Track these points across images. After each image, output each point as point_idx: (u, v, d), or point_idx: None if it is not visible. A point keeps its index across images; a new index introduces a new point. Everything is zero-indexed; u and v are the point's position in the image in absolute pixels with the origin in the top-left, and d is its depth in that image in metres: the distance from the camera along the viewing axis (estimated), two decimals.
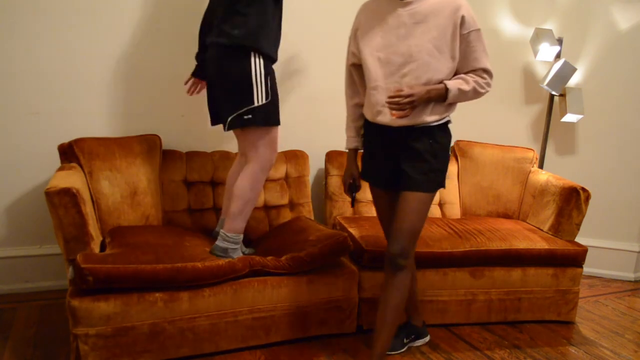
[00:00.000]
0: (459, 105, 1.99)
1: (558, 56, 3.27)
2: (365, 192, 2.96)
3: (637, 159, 3.35)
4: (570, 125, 3.42)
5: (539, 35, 3.21)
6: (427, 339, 2.41)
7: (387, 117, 1.91)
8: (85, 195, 2.11)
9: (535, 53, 3.25)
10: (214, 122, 2.38)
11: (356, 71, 2.08)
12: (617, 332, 2.67)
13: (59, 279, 2.69)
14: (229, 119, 2.21)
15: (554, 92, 3.26)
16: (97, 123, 2.69)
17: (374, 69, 1.93)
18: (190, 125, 2.85)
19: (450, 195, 3.14)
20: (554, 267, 2.64)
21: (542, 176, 3.00)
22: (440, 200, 3.14)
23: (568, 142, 3.47)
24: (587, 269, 3.12)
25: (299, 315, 2.29)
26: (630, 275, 3.42)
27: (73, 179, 2.09)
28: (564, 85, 3.21)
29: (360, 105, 2.11)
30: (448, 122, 1.99)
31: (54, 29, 2.55)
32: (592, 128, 3.39)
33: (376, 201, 2.16)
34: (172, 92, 2.79)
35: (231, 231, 2.26)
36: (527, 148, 3.22)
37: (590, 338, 2.59)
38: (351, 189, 2.20)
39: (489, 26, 3.36)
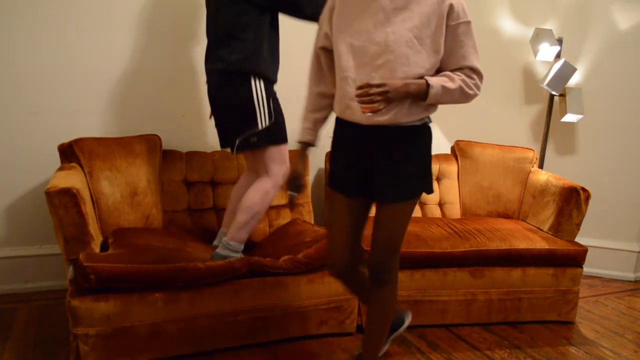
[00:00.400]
0: (456, 104, 1.88)
1: (558, 56, 3.27)
2: None
3: (637, 159, 3.35)
4: (570, 125, 3.42)
5: (539, 35, 3.21)
6: (409, 319, 2.21)
7: (356, 114, 1.68)
8: (85, 195, 2.11)
9: (535, 53, 3.25)
10: (223, 145, 2.39)
11: (326, 56, 1.84)
12: (617, 332, 2.67)
13: (59, 279, 2.69)
14: (236, 143, 2.24)
15: (554, 92, 3.26)
16: (97, 123, 2.69)
17: (345, 57, 1.69)
18: (190, 125, 2.85)
19: (450, 195, 3.14)
20: (554, 267, 2.64)
21: (542, 176, 3.00)
22: (440, 200, 3.14)
23: (568, 142, 3.46)
24: (587, 269, 3.12)
25: (299, 315, 2.29)
26: (630, 275, 3.42)
27: (73, 179, 2.09)
28: (564, 85, 3.21)
29: (325, 95, 1.87)
30: (428, 122, 1.77)
31: (55, 29, 2.55)
32: (592, 128, 3.39)
33: (334, 207, 1.86)
34: (172, 92, 2.79)
35: (234, 240, 2.28)
36: (527, 148, 3.22)
37: (590, 338, 2.59)
38: (293, 188, 1.92)
39: (489, 26, 3.36)
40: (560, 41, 3.26)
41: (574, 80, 3.32)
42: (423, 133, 1.76)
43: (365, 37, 1.66)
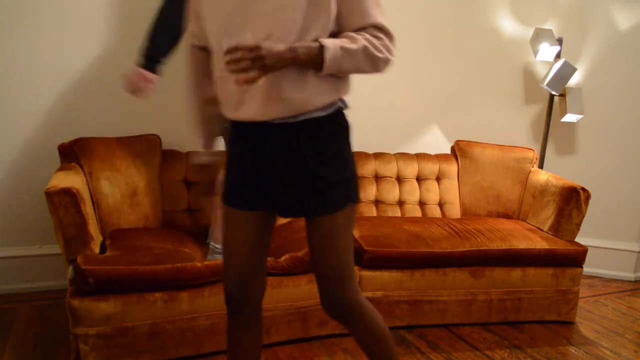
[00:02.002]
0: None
1: (558, 56, 3.27)
2: (366, 191, 2.96)
3: (637, 158, 3.35)
4: (570, 125, 3.42)
5: (539, 35, 3.21)
6: None
7: (251, 109, 1.35)
8: (85, 195, 2.11)
9: (535, 53, 3.25)
10: None
11: (202, 55, 1.49)
12: (617, 332, 2.67)
13: (59, 279, 2.69)
14: None
15: (554, 92, 3.26)
16: (97, 123, 2.68)
17: (217, 49, 1.37)
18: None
19: (450, 195, 3.14)
20: (554, 267, 2.64)
21: (542, 176, 3.00)
22: (440, 200, 3.13)
23: (568, 142, 3.47)
24: (587, 269, 3.12)
25: (299, 315, 2.29)
26: (630, 275, 3.42)
27: (73, 179, 2.09)
28: (564, 85, 3.21)
29: (212, 102, 1.51)
30: (341, 108, 1.42)
31: (55, 29, 2.55)
32: (592, 128, 3.39)
33: (231, 226, 1.50)
34: (172, 92, 2.78)
35: (220, 242, 2.28)
36: (527, 148, 3.22)
37: (590, 338, 2.59)
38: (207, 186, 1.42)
39: (489, 26, 3.36)
40: (560, 41, 3.26)
41: (574, 80, 3.32)
42: (336, 125, 1.41)
43: (225, 12, 1.30)
